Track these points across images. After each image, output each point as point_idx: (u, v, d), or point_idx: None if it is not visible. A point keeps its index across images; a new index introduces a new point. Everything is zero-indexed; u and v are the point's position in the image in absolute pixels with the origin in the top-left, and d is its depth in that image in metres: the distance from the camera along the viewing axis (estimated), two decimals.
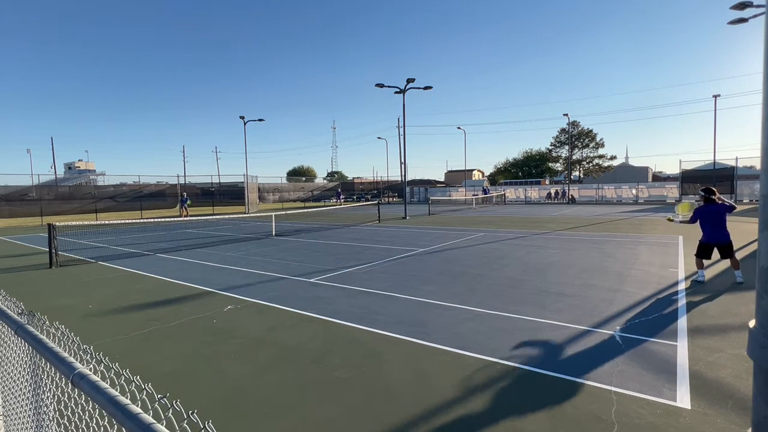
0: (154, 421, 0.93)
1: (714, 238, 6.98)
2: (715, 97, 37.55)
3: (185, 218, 20.31)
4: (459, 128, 54.32)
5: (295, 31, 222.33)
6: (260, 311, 6.20)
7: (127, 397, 1.05)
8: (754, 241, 11.51)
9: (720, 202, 7.11)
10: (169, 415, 1.06)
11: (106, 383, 1.15)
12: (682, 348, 4.44)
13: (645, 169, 71.18)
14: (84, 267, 10.27)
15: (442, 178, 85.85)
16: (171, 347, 4.86)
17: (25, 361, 1.92)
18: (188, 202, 30.01)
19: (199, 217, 18.63)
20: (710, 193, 7.07)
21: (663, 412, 3.21)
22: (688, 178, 34.09)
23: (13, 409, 2.23)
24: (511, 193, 44.84)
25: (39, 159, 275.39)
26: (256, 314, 6.06)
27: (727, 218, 7.01)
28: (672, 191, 35.91)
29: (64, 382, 1.64)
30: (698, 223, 7.23)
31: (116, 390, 1.10)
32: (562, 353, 4.38)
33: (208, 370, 4.22)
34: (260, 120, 36.38)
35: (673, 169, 71.51)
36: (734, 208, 7.10)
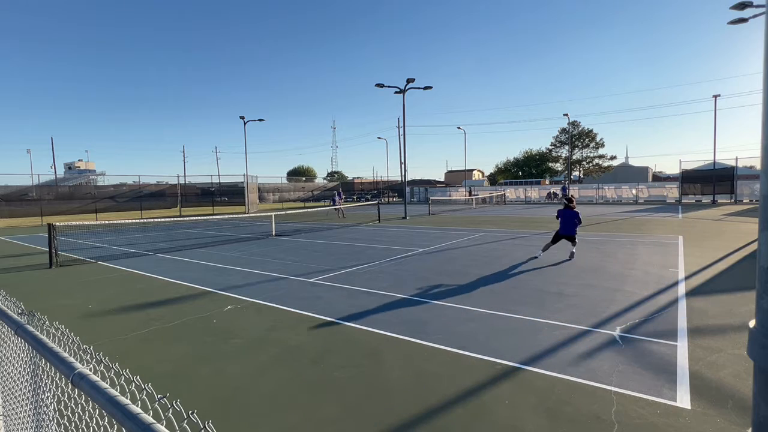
0: (154, 421, 0.93)
1: (564, 231, 9.77)
2: (715, 97, 37.48)
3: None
4: (459, 128, 54.41)
5: (296, 31, 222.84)
6: (260, 311, 6.20)
7: (127, 397, 1.05)
8: (754, 241, 11.51)
9: (575, 209, 9.87)
10: (169, 415, 1.06)
11: (106, 383, 1.15)
12: (682, 348, 4.44)
13: (645, 169, 71.29)
14: (84, 267, 10.27)
15: (442, 178, 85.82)
16: (171, 347, 4.85)
17: (25, 361, 1.92)
18: None
19: (199, 217, 18.63)
20: (569, 201, 9.98)
21: (663, 412, 3.21)
22: (688, 178, 34.07)
23: (13, 409, 2.23)
24: (512, 193, 44.83)
25: (39, 159, 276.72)
26: (256, 314, 6.06)
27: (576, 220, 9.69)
28: (672, 191, 35.89)
29: (64, 382, 1.64)
30: (559, 219, 10.00)
31: (116, 390, 1.10)
32: (562, 353, 4.38)
33: (208, 370, 4.22)
34: (260, 120, 36.38)
35: (673, 169, 71.58)
36: (580, 222, 9.80)
